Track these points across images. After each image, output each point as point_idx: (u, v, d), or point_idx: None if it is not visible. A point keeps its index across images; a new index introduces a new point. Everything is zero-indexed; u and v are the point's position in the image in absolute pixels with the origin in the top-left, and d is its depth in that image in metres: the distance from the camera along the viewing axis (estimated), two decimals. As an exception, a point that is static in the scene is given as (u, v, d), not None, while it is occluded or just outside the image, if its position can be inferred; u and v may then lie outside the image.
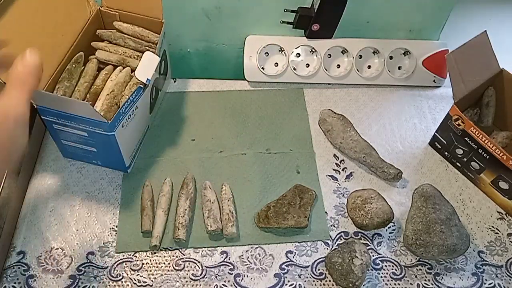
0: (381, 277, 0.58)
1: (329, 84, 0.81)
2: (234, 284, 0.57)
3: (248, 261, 0.59)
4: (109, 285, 0.56)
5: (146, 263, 0.58)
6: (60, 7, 0.61)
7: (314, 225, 0.62)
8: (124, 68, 0.65)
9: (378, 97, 0.80)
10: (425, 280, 0.58)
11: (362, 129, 0.73)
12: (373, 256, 0.60)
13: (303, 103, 0.78)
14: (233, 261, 0.59)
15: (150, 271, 0.57)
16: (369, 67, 0.82)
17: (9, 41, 0.44)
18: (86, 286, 0.56)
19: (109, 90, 0.61)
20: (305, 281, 0.57)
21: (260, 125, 0.74)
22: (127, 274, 0.57)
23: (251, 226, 0.62)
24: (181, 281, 0.57)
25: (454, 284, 0.58)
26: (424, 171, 0.70)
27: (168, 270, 0.57)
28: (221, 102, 0.77)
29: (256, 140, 0.72)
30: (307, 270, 0.58)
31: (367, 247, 0.60)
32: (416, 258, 0.60)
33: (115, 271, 0.57)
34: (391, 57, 0.82)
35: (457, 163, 0.70)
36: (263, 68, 0.79)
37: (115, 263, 0.58)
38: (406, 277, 0.59)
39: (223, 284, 0.57)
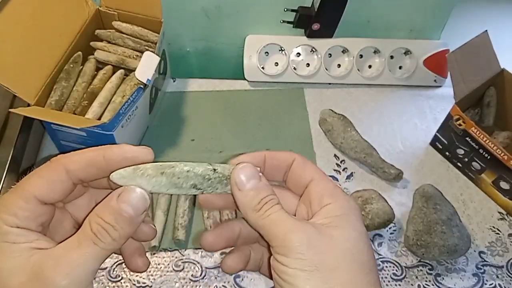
0: (382, 278, 0.58)
1: (329, 83, 0.81)
2: (234, 285, 0.56)
3: (248, 262, 0.59)
4: (108, 286, 0.55)
5: (146, 264, 0.58)
6: (58, 7, 0.61)
7: (315, 226, 0.62)
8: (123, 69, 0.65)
9: (379, 97, 0.80)
10: (426, 281, 0.58)
11: (362, 129, 0.73)
12: (373, 256, 0.60)
13: (303, 103, 0.78)
14: (233, 262, 0.58)
15: (150, 271, 0.57)
16: (369, 66, 0.82)
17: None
18: (85, 287, 0.55)
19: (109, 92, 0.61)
20: (305, 282, 0.57)
21: (260, 125, 0.74)
22: (126, 275, 0.56)
23: (251, 227, 0.62)
24: (181, 282, 0.56)
25: (455, 285, 0.58)
26: (425, 171, 0.70)
27: (168, 271, 0.57)
28: (221, 102, 0.77)
29: (256, 140, 0.72)
30: (307, 271, 0.58)
31: (368, 248, 0.60)
32: (417, 259, 0.60)
33: (114, 272, 0.57)
34: (391, 57, 0.81)
35: (458, 163, 0.69)
36: (263, 68, 0.79)
37: (114, 263, 0.57)
38: (407, 277, 0.58)
39: (222, 285, 0.56)
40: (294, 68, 0.79)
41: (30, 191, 0.26)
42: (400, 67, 0.82)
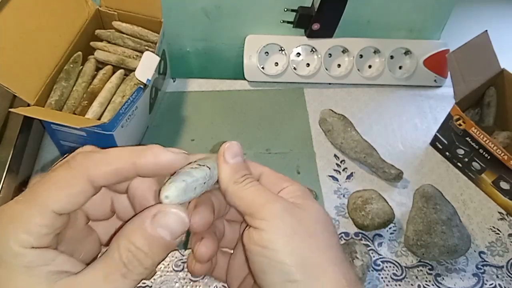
0: (382, 278, 0.58)
1: (329, 83, 0.81)
2: (234, 285, 0.56)
3: (248, 262, 0.58)
4: (109, 286, 0.55)
5: (146, 264, 0.58)
6: (58, 7, 0.60)
7: (315, 226, 0.62)
8: (123, 69, 0.65)
9: (379, 97, 0.80)
10: (426, 281, 0.58)
11: (363, 129, 0.73)
12: (373, 257, 0.60)
13: (303, 103, 0.78)
14: (233, 262, 0.58)
15: (150, 272, 0.57)
16: (369, 66, 0.82)
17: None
18: (85, 287, 0.55)
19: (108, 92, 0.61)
20: (305, 282, 0.57)
21: (260, 125, 0.74)
22: (127, 275, 0.56)
23: (251, 227, 0.61)
24: (181, 282, 0.56)
25: (455, 285, 0.58)
26: (425, 171, 0.70)
27: (168, 271, 0.57)
28: (221, 102, 0.77)
29: (256, 140, 0.72)
30: (307, 271, 0.58)
31: (368, 248, 0.60)
32: (417, 259, 0.60)
33: (115, 272, 0.57)
34: (392, 57, 0.81)
35: (458, 163, 0.69)
36: (263, 68, 0.79)
37: (114, 264, 0.57)
38: (407, 278, 0.58)
39: (222, 285, 0.56)
40: (294, 68, 0.79)
41: (47, 204, 0.22)
42: (400, 67, 0.82)
